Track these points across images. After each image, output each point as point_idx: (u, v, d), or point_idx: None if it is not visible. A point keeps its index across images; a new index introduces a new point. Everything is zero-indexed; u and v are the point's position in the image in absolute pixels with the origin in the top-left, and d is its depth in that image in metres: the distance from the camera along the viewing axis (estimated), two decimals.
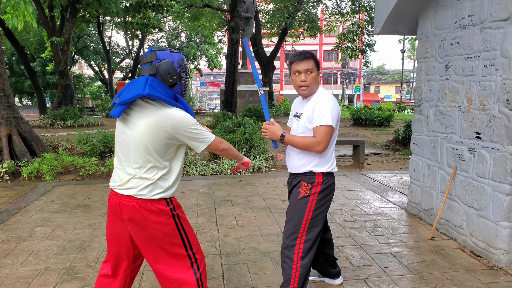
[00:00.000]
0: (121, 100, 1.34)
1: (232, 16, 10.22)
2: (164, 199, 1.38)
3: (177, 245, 1.40)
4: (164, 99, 1.33)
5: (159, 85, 1.35)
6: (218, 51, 24.49)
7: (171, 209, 1.39)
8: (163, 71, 1.35)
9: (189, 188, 4.16)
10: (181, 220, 1.42)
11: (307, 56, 1.67)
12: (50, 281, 2.08)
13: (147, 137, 1.33)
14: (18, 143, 5.01)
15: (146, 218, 1.35)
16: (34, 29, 14.73)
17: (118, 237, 1.44)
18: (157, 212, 1.36)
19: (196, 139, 1.38)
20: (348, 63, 31.17)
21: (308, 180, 1.68)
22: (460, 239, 2.62)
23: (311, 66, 1.67)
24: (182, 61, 1.42)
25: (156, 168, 1.36)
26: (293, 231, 1.66)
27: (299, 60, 1.67)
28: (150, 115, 1.33)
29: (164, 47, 1.46)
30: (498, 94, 2.27)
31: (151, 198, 1.35)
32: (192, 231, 1.48)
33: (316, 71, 1.69)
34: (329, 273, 2.04)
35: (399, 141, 7.40)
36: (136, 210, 1.35)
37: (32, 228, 2.91)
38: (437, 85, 2.93)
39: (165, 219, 1.37)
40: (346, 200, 3.71)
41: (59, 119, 11.06)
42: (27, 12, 4.19)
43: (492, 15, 2.31)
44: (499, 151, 2.27)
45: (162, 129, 1.32)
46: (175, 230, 1.39)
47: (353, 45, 14.47)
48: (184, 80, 1.45)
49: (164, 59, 1.37)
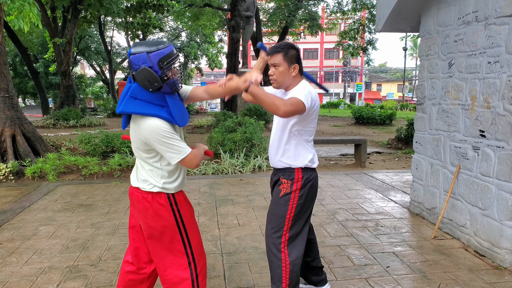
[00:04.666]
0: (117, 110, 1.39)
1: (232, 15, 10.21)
2: (164, 193, 1.39)
3: (176, 241, 1.41)
4: (138, 113, 1.31)
5: (142, 92, 1.32)
6: (219, 51, 24.48)
7: (171, 205, 1.39)
8: (141, 80, 1.30)
9: (190, 187, 4.17)
10: (183, 217, 1.42)
11: (275, 50, 1.61)
12: (54, 279, 2.10)
13: (134, 140, 1.39)
14: (21, 143, 5.05)
15: (147, 209, 1.38)
16: (37, 30, 14.81)
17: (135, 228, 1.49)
18: (157, 205, 1.38)
19: (168, 150, 1.31)
20: (349, 61, 31.02)
21: (288, 177, 1.63)
22: (464, 238, 2.60)
23: (278, 61, 1.60)
24: (164, 58, 1.29)
25: (152, 165, 1.39)
26: (277, 229, 1.62)
27: (270, 54, 1.63)
28: (134, 122, 1.38)
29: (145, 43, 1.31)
30: (503, 92, 2.24)
31: (151, 191, 1.38)
32: (195, 230, 1.47)
33: (286, 65, 1.60)
34: (310, 280, 1.87)
35: (402, 139, 7.36)
36: (140, 201, 1.39)
37: (36, 227, 2.93)
38: (440, 83, 2.90)
39: (164, 213, 1.39)
40: (348, 199, 3.69)
41: (62, 119, 11.13)
42: (32, 13, 4.21)
43: (496, 11, 2.28)
44: (504, 150, 2.25)
45: (139, 136, 1.36)
46: (175, 226, 1.39)
47: (355, 43, 14.39)
48: (175, 75, 1.35)
49: (141, 66, 1.28)
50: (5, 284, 2.06)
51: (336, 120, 14.35)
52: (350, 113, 12.99)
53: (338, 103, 25.99)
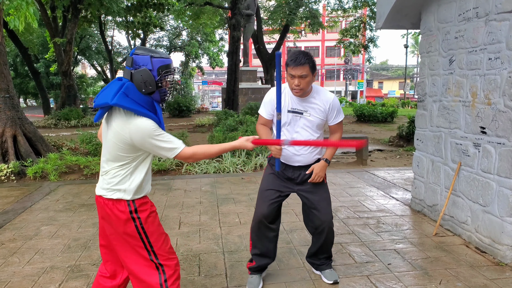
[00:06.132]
0: (94, 105, 1.35)
1: (233, 13, 10.18)
2: (124, 200, 1.38)
3: (140, 247, 1.40)
4: (132, 109, 1.29)
5: (134, 92, 1.32)
6: (220, 49, 24.45)
7: (131, 212, 1.38)
8: (138, 79, 1.31)
9: (192, 186, 4.18)
10: (143, 223, 1.39)
11: (302, 62, 1.71)
12: (56, 279, 2.11)
13: (112, 141, 1.36)
14: (23, 143, 5.07)
15: (110, 216, 1.38)
16: (37, 30, 14.83)
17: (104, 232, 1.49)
18: (117, 212, 1.38)
19: (161, 148, 1.32)
20: (350, 59, 30.91)
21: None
22: (465, 235, 2.60)
23: (306, 72, 1.73)
24: (164, 67, 1.34)
25: (118, 169, 1.37)
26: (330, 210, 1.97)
27: (294, 66, 1.72)
28: (117, 122, 1.35)
29: (150, 50, 1.37)
30: (504, 88, 2.23)
31: (110, 198, 1.38)
32: (159, 235, 1.43)
33: (311, 75, 1.76)
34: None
35: (403, 137, 7.34)
36: (102, 208, 1.39)
37: (38, 227, 2.95)
38: (441, 80, 2.89)
39: (125, 220, 1.38)
40: (349, 197, 3.69)
41: (63, 119, 11.15)
42: (28, 13, 4.21)
43: (497, 7, 2.27)
44: (504, 146, 2.24)
45: (122, 137, 1.33)
46: (135, 232, 1.38)
47: (356, 41, 14.34)
48: (167, 87, 1.39)
49: (142, 66, 1.31)
50: (7, 284, 2.07)
51: None
52: (351, 111, 12.95)
53: (340, 101, 25.87)
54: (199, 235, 2.74)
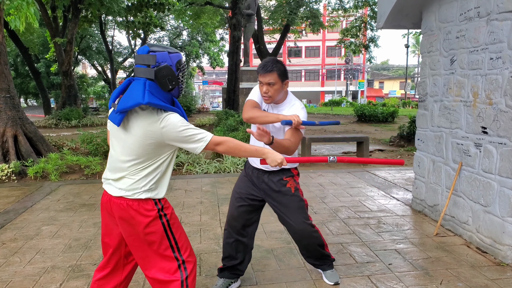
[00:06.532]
0: (120, 108, 1.30)
1: (233, 13, 10.19)
2: (152, 199, 1.37)
3: (164, 246, 1.39)
4: (162, 106, 1.30)
5: (156, 90, 1.31)
6: (220, 49, 24.46)
7: (159, 210, 1.37)
8: (162, 77, 1.29)
9: (192, 186, 4.18)
10: (170, 221, 1.40)
11: (269, 69, 1.71)
12: (57, 279, 2.11)
13: (136, 140, 1.33)
14: (23, 143, 5.07)
15: (133, 217, 1.36)
16: (38, 30, 14.84)
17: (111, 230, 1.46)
18: (143, 211, 1.36)
19: (190, 141, 1.32)
20: (351, 59, 30.88)
21: (287, 175, 1.87)
22: (466, 235, 2.59)
23: (273, 80, 1.72)
24: (180, 62, 1.36)
25: (144, 169, 1.36)
26: (307, 216, 1.90)
27: (262, 73, 1.73)
28: (141, 120, 1.32)
29: (162, 45, 1.36)
30: (505, 88, 2.23)
31: (137, 198, 1.35)
32: (182, 232, 1.45)
33: (280, 82, 1.74)
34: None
35: (404, 137, 7.33)
36: (124, 209, 1.36)
37: (39, 226, 2.95)
38: (442, 80, 2.88)
39: (152, 219, 1.36)
40: (350, 197, 3.69)
41: (64, 119, 11.16)
42: (29, 13, 4.22)
43: (499, 7, 2.26)
44: (506, 146, 2.23)
45: (151, 134, 1.31)
46: (161, 229, 1.38)
47: (357, 41, 14.32)
48: (182, 81, 1.39)
49: (163, 63, 1.30)
50: (8, 283, 2.07)
51: (338, 118, 14.29)
52: (352, 111, 12.95)
53: (340, 101, 25.94)
54: (199, 235, 2.74)
